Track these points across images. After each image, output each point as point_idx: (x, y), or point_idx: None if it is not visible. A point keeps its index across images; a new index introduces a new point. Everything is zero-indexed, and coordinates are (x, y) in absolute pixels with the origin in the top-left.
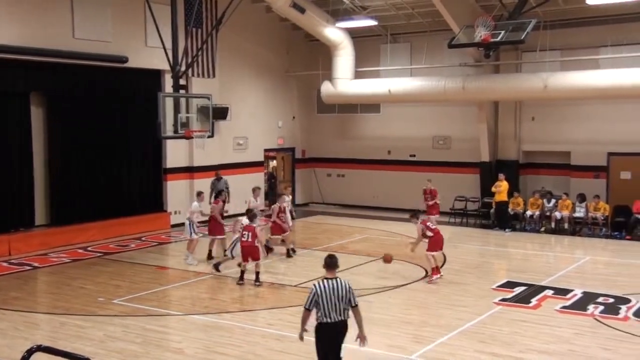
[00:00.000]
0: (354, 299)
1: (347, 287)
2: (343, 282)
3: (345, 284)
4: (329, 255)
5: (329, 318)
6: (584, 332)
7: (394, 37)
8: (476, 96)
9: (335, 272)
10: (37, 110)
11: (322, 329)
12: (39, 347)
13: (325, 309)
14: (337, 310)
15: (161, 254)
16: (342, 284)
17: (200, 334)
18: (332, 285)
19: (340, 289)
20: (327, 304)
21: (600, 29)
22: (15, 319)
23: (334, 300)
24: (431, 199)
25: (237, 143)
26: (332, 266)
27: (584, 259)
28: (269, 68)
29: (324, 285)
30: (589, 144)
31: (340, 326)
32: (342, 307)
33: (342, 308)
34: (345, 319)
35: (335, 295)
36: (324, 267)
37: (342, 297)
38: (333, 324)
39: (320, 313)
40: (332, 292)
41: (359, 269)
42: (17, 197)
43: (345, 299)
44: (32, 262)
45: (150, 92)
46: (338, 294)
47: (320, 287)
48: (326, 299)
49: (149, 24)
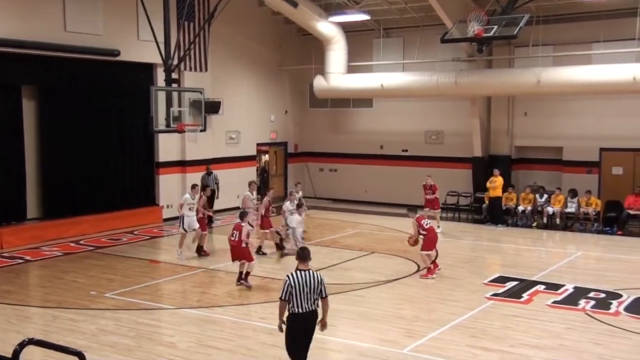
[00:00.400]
0: (325, 290)
1: (319, 279)
2: (315, 273)
3: (317, 276)
4: (302, 248)
5: (301, 308)
6: (575, 326)
7: (386, 32)
8: (469, 91)
9: (307, 264)
10: (29, 103)
11: (294, 319)
12: (31, 341)
13: (298, 299)
14: (308, 300)
15: (153, 248)
16: (314, 275)
17: (192, 328)
18: (304, 277)
19: (312, 280)
20: (299, 294)
21: (593, 25)
22: (7, 313)
23: (306, 291)
24: (432, 194)
25: (229, 137)
26: (305, 258)
27: (575, 254)
28: (262, 62)
29: (297, 277)
30: (581, 140)
31: (312, 316)
32: (313, 298)
33: (313, 299)
34: (316, 309)
35: (308, 287)
36: (297, 259)
37: (314, 288)
38: (304, 314)
39: (292, 303)
40: (305, 283)
41: (351, 263)
42: (8, 190)
43: (316, 290)
44: (24, 256)
45: (143, 85)
46: (310, 285)
47: (294, 278)
48: (299, 290)
49: (141, 17)
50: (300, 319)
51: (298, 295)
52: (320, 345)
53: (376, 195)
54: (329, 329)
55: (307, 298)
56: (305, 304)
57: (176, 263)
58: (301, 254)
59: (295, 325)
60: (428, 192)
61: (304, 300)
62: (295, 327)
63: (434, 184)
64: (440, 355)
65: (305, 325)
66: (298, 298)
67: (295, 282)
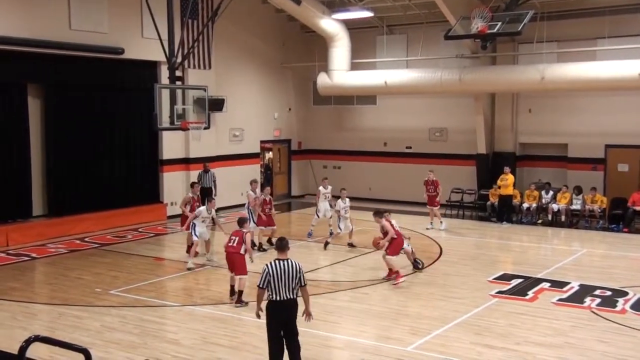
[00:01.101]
0: (304, 279)
1: (297, 268)
2: (294, 262)
3: (296, 265)
4: (280, 238)
5: (279, 296)
6: (581, 324)
7: (390, 29)
8: (473, 88)
9: (286, 253)
10: (34, 101)
11: (272, 307)
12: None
13: (276, 287)
14: (286, 289)
15: (158, 245)
16: (292, 264)
17: (196, 325)
18: (283, 266)
19: (290, 269)
20: (277, 283)
21: (598, 21)
22: (13, 310)
23: (284, 279)
24: (434, 190)
25: (233, 134)
26: (283, 248)
27: (580, 251)
28: (265, 59)
29: (275, 265)
30: (586, 136)
31: (290, 304)
32: (291, 286)
33: (291, 287)
34: (295, 297)
35: (286, 275)
36: (276, 249)
37: (292, 277)
38: (282, 301)
39: (270, 291)
40: (283, 272)
41: (355, 260)
42: (14, 188)
43: (295, 279)
44: (29, 253)
45: (147, 83)
46: (288, 273)
47: (272, 267)
48: (277, 278)
49: (145, 15)
50: (278, 306)
51: (276, 283)
52: (325, 342)
53: (380, 192)
54: (333, 326)
55: (285, 286)
56: (284, 292)
57: (180, 260)
58: (279, 244)
59: (273, 312)
60: (430, 187)
61: (281, 288)
62: (273, 314)
63: (436, 179)
64: (444, 353)
65: (283, 312)
66: (276, 286)
67: (273, 271)
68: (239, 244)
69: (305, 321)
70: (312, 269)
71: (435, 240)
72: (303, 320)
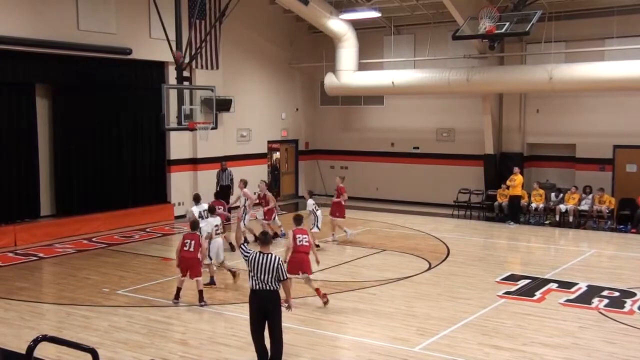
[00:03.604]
0: (283, 274)
1: (275, 263)
2: (274, 257)
3: (275, 260)
4: (262, 233)
5: (256, 286)
6: (589, 325)
7: (397, 29)
8: (480, 88)
9: (268, 248)
10: (42, 101)
11: (252, 296)
12: (44, 337)
13: (255, 277)
14: (264, 280)
15: (165, 245)
16: (272, 258)
17: (204, 325)
18: (263, 258)
19: (269, 262)
20: (256, 273)
21: (606, 21)
22: (21, 309)
23: (261, 270)
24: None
25: (240, 135)
26: (265, 242)
27: (588, 252)
28: (273, 60)
29: (256, 257)
30: (595, 137)
31: (267, 296)
32: (269, 279)
33: (269, 280)
34: (273, 289)
35: (265, 267)
36: (259, 243)
37: (270, 270)
38: (259, 291)
39: (251, 281)
40: (261, 263)
41: (362, 261)
42: (22, 188)
43: (273, 272)
44: (37, 253)
45: (154, 83)
46: (267, 266)
47: (253, 256)
48: (256, 269)
49: (153, 16)
50: (256, 295)
51: (255, 273)
52: (332, 342)
53: (387, 192)
54: (340, 326)
55: (262, 278)
56: (262, 284)
57: None
58: (263, 238)
59: (251, 300)
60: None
61: (260, 280)
62: (251, 303)
63: (342, 186)
64: (451, 354)
65: (259, 302)
66: (255, 276)
67: (255, 260)
68: (196, 248)
69: (286, 310)
70: (319, 269)
71: (443, 241)
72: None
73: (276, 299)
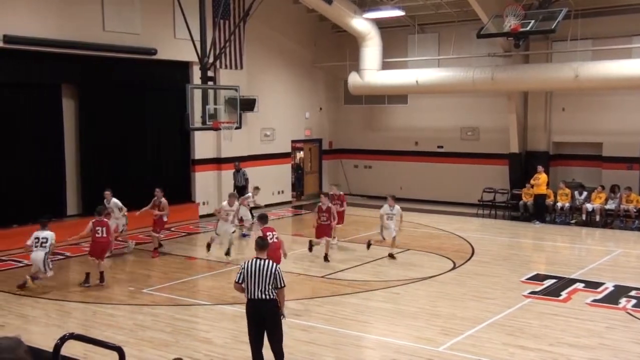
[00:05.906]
0: (280, 281)
1: (272, 269)
2: (271, 263)
3: (272, 266)
4: (260, 237)
5: (252, 295)
6: (616, 325)
7: (421, 28)
8: (505, 87)
9: (264, 253)
10: (69, 101)
11: (248, 305)
12: (71, 335)
13: (250, 286)
14: (260, 288)
15: (190, 245)
16: (268, 265)
17: (228, 324)
18: (259, 265)
19: (265, 269)
20: (250, 281)
21: (633, 18)
22: (48, 308)
23: (258, 279)
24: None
25: (264, 134)
26: (262, 247)
27: (615, 251)
28: (296, 59)
29: (251, 264)
30: (621, 135)
31: (264, 305)
32: (265, 287)
33: (265, 287)
34: (270, 298)
35: (260, 275)
36: (255, 248)
37: (266, 277)
38: (255, 300)
39: (246, 290)
40: (257, 271)
41: (386, 260)
42: (49, 188)
43: (269, 279)
44: (64, 252)
45: (179, 83)
46: (263, 273)
47: (248, 264)
48: (250, 277)
49: (178, 16)
50: (252, 305)
51: (249, 281)
52: (356, 342)
53: (411, 192)
54: (365, 325)
55: (258, 286)
56: (257, 292)
57: (212, 260)
58: (260, 243)
59: (247, 310)
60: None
61: (254, 288)
62: (248, 312)
63: (341, 193)
64: (476, 354)
65: (256, 312)
66: (249, 285)
67: (248, 269)
68: (108, 232)
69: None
70: (342, 268)
71: (468, 240)
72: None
73: (274, 309)
